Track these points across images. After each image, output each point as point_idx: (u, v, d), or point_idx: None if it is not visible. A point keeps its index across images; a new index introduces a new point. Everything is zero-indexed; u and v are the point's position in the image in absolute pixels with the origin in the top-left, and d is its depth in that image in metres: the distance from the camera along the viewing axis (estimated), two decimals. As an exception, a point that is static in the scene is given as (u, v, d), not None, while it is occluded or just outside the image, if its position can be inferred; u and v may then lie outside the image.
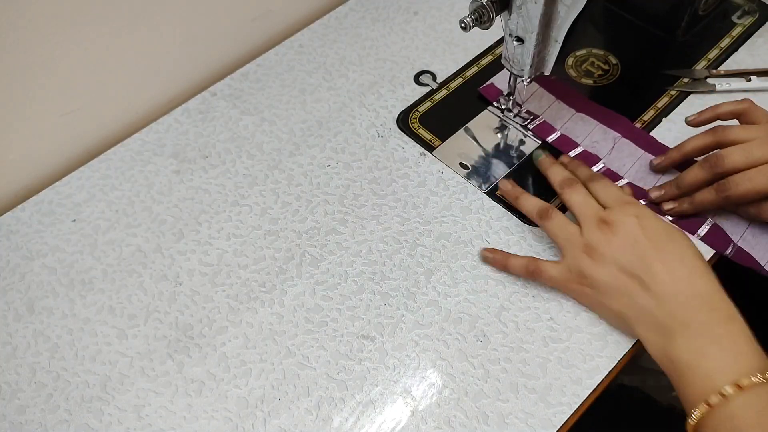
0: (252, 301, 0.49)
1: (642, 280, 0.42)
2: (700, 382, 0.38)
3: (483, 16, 0.48)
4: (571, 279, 0.46)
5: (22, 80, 0.53)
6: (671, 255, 0.42)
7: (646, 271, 0.42)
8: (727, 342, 0.39)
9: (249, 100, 0.62)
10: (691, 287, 0.41)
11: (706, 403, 0.37)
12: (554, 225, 0.47)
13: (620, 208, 0.45)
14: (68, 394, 0.46)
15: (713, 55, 0.60)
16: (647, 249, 0.43)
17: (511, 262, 0.48)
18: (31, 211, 0.56)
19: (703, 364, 0.39)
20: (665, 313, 0.41)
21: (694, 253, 0.43)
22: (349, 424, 0.43)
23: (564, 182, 0.49)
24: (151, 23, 0.58)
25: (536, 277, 0.47)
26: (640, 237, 0.43)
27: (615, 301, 0.44)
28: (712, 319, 0.40)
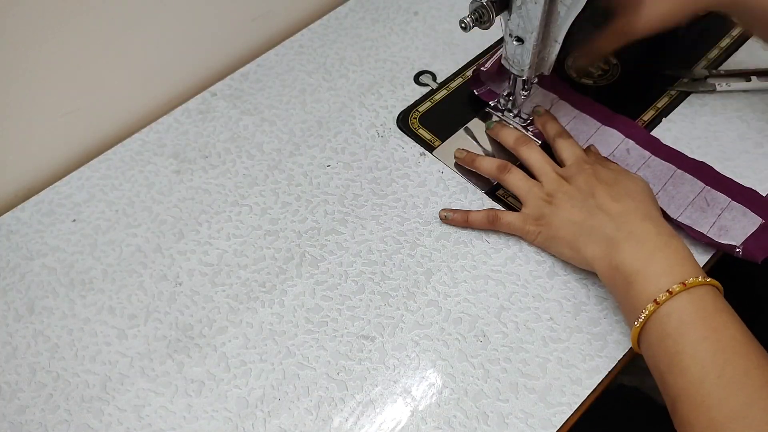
0: (252, 301, 0.49)
1: (591, 208, 0.46)
2: (647, 285, 0.40)
3: (483, 16, 0.48)
4: (528, 221, 0.49)
5: (22, 80, 0.53)
6: (619, 190, 0.46)
7: (597, 202, 0.46)
8: (670, 251, 0.42)
9: (249, 100, 0.62)
10: (637, 210, 0.44)
11: (654, 302, 0.39)
12: (515, 178, 0.51)
13: (577, 165, 0.49)
14: (68, 394, 0.46)
15: (713, 55, 0.60)
16: (598, 187, 0.46)
17: (471, 216, 0.51)
18: (31, 211, 0.56)
19: (650, 267, 0.41)
20: (613, 227, 0.44)
21: (644, 191, 0.46)
22: (349, 424, 0.43)
23: (519, 140, 0.53)
24: (151, 23, 0.58)
25: (495, 225, 0.50)
26: (593, 181, 0.47)
27: (567, 232, 0.47)
28: (657, 232, 0.43)
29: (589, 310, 0.47)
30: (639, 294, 0.41)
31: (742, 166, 0.53)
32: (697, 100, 0.58)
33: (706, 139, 0.55)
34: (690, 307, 0.39)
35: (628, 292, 0.42)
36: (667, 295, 0.39)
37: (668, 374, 0.39)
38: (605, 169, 0.49)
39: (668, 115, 0.57)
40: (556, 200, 0.48)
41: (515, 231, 0.50)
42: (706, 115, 0.56)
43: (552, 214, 0.48)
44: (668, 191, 0.51)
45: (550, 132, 0.54)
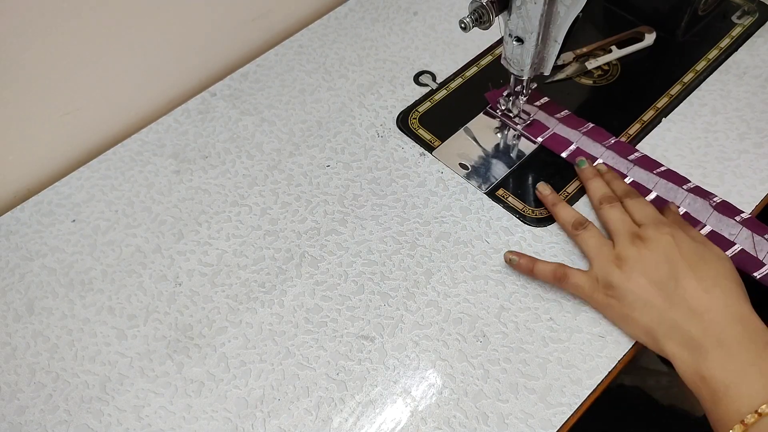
0: (252, 301, 0.49)
1: (672, 295, 0.41)
2: (737, 402, 0.37)
3: (483, 16, 0.48)
4: (597, 289, 0.45)
5: (22, 80, 0.53)
6: (705, 274, 0.41)
7: (677, 286, 0.41)
8: (765, 365, 0.38)
9: (249, 100, 0.62)
10: (725, 307, 0.40)
11: (742, 423, 0.37)
12: (588, 236, 0.47)
13: (655, 227, 0.44)
14: (68, 395, 0.46)
15: (713, 55, 0.60)
16: (680, 265, 0.42)
17: (537, 267, 0.47)
18: (31, 211, 0.56)
19: (741, 384, 0.38)
20: (698, 329, 0.40)
21: (730, 275, 0.42)
22: (348, 424, 0.43)
23: (604, 198, 0.49)
24: (150, 23, 0.58)
25: (563, 284, 0.46)
26: (673, 253, 0.42)
27: (643, 315, 0.42)
28: (750, 340, 0.39)
29: (589, 310, 0.47)
30: (726, 411, 0.38)
31: (742, 166, 0.53)
32: (697, 100, 0.58)
33: (706, 139, 0.55)
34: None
35: (715, 406, 0.38)
36: (756, 417, 0.36)
37: None
38: (688, 237, 0.44)
39: (668, 115, 0.57)
40: (627, 266, 0.43)
41: (583, 296, 0.46)
42: (706, 115, 0.56)
43: (622, 283, 0.43)
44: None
45: (617, 190, 0.50)
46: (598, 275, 0.45)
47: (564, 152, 0.55)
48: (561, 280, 0.46)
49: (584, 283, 0.45)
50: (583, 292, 0.45)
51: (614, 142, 0.54)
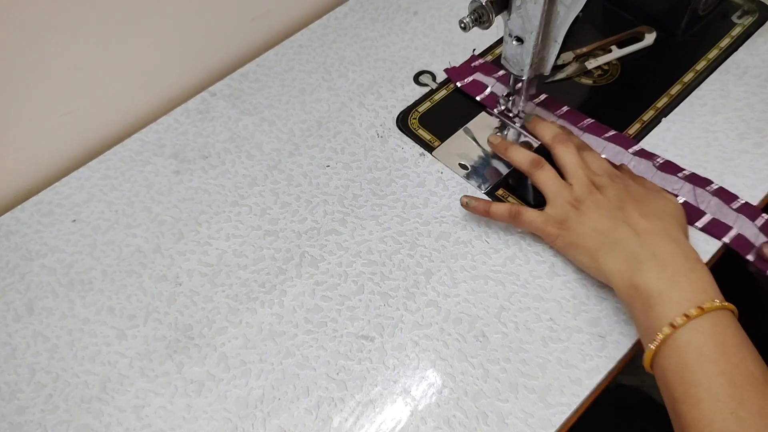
0: (251, 301, 0.49)
1: (618, 220, 0.44)
2: (667, 307, 0.40)
3: (482, 16, 0.48)
4: (550, 223, 0.48)
5: (22, 80, 0.53)
6: (649, 208, 0.45)
7: (624, 215, 0.45)
8: (694, 276, 0.41)
9: (248, 100, 0.62)
10: (664, 231, 0.43)
11: (670, 325, 0.39)
12: (545, 175, 0.49)
13: (609, 177, 0.48)
14: (68, 395, 0.46)
15: (713, 55, 0.60)
16: (628, 202, 0.45)
17: (493, 208, 0.50)
18: (31, 211, 0.56)
19: (671, 291, 0.40)
20: (638, 243, 0.43)
21: (673, 213, 0.45)
22: (348, 424, 0.43)
23: (557, 137, 0.51)
24: (150, 23, 0.58)
25: (516, 220, 0.49)
26: (623, 194, 0.46)
27: (590, 240, 0.45)
28: (682, 256, 0.42)
29: (589, 310, 0.47)
30: (657, 316, 0.40)
31: (742, 166, 0.53)
32: (696, 100, 0.58)
33: (706, 139, 0.55)
34: (710, 337, 0.38)
35: (646, 313, 0.41)
36: (685, 319, 0.38)
37: (681, 403, 0.38)
38: (638, 185, 0.48)
39: (668, 115, 0.57)
40: (583, 207, 0.46)
41: (535, 230, 0.49)
42: (706, 115, 0.56)
43: (576, 220, 0.46)
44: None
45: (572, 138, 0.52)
46: (554, 213, 0.48)
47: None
48: (515, 217, 0.49)
49: (537, 218, 0.48)
50: (536, 227, 0.48)
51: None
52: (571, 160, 0.49)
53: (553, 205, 0.48)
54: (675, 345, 0.39)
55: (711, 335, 0.38)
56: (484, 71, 0.61)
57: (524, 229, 0.50)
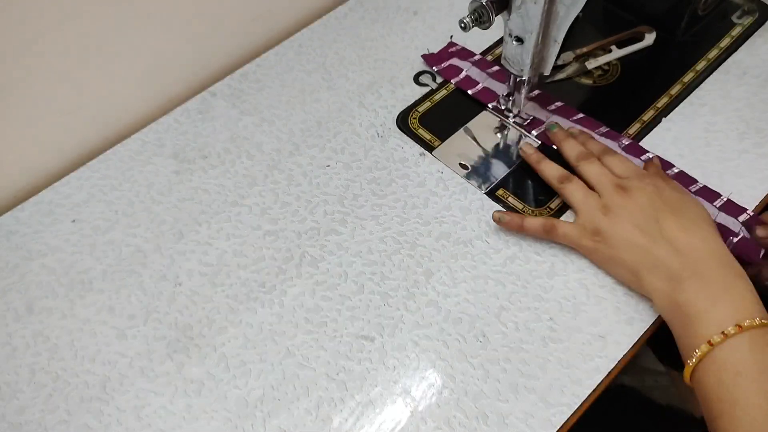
0: (251, 301, 0.49)
1: (656, 234, 0.44)
2: (707, 325, 0.40)
3: (482, 16, 0.48)
4: (584, 235, 0.47)
5: (22, 80, 0.53)
6: (686, 217, 0.44)
7: (660, 227, 0.44)
8: (735, 293, 0.40)
9: (248, 100, 0.62)
10: (704, 245, 0.43)
11: (708, 342, 0.39)
12: (573, 188, 0.49)
13: (638, 178, 0.47)
14: (67, 395, 0.46)
15: (713, 55, 0.60)
16: (663, 210, 0.44)
17: (527, 222, 0.49)
18: (31, 211, 0.56)
19: (712, 309, 0.40)
20: (678, 263, 0.42)
21: (707, 220, 0.45)
22: (348, 424, 0.43)
23: (580, 155, 0.51)
24: (150, 23, 0.58)
25: (552, 235, 0.48)
26: (656, 201, 0.45)
27: (628, 254, 0.45)
28: (724, 273, 0.41)
29: (589, 311, 0.47)
30: (696, 334, 0.40)
31: (742, 166, 0.53)
32: (697, 100, 0.58)
33: (706, 139, 0.55)
34: (748, 356, 0.38)
35: (686, 330, 0.41)
36: (722, 337, 0.38)
37: (719, 420, 0.38)
38: (668, 187, 0.46)
39: (668, 115, 0.57)
40: (613, 213, 0.46)
41: (570, 243, 0.48)
42: (706, 115, 0.56)
43: (609, 228, 0.45)
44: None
45: (594, 149, 0.51)
46: (586, 223, 0.47)
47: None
48: (550, 231, 0.48)
49: (572, 231, 0.48)
50: (572, 240, 0.48)
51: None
52: (594, 170, 0.49)
53: (582, 214, 0.48)
54: (713, 362, 0.39)
55: (750, 353, 0.38)
56: (460, 56, 0.62)
57: (561, 242, 0.49)
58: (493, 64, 0.62)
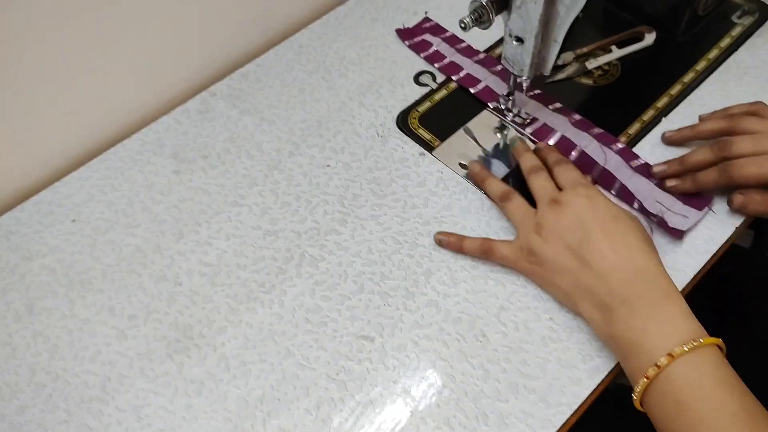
0: (251, 301, 0.49)
1: (584, 258, 0.43)
2: (641, 358, 0.39)
3: (482, 16, 0.48)
4: (521, 257, 0.47)
5: (22, 80, 0.53)
6: (615, 233, 0.43)
7: (588, 248, 0.43)
8: (664, 318, 0.40)
9: (248, 100, 0.62)
10: (631, 263, 0.42)
11: (645, 377, 0.39)
12: (512, 206, 0.50)
13: (572, 190, 0.47)
14: (67, 395, 0.46)
15: (713, 55, 0.60)
16: (592, 227, 0.44)
17: (465, 244, 0.49)
18: (31, 211, 0.56)
19: (644, 341, 0.40)
20: (605, 291, 0.42)
21: (638, 233, 0.44)
22: (348, 424, 0.43)
23: (531, 168, 0.51)
24: (150, 23, 0.58)
25: (489, 256, 0.49)
26: (586, 215, 0.44)
27: (562, 279, 0.45)
28: (650, 295, 0.41)
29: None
30: (633, 368, 0.40)
31: (741, 166, 0.53)
32: (697, 100, 0.58)
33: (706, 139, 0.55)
34: (685, 385, 0.38)
35: (625, 362, 0.41)
36: (656, 370, 0.38)
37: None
38: (603, 197, 0.46)
39: (668, 114, 0.57)
40: (545, 231, 0.45)
41: (509, 265, 0.48)
42: (706, 115, 0.56)
43: (541, 249, 0.45)
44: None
45: (550, 160, 0.52)
46: (522, 243, 0.47)
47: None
48: (487, 252, 0.49)
49: (509, 253, 0.48)
50: (509, 262, 0.48)
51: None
52: (537, 184, 0.49)
53: (520, 233, 0.48)
54: (654, 395, 0.39)
55: (686, 381, 0.38)
56: (432, 32, 0.65)
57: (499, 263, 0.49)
58: (462, 41, 0.64)
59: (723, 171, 0.48)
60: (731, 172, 0.47)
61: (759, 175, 0.46)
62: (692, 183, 0.49)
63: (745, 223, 0.50)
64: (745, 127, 0.49)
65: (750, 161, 0.47)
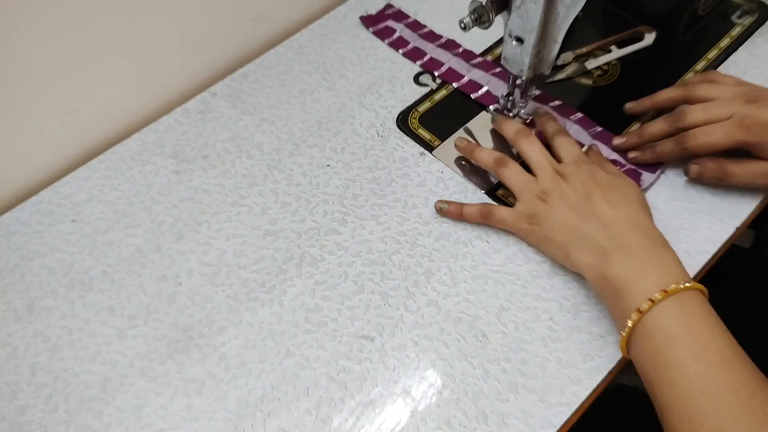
0: (252, 301, 0.49)
1: (585, 212, 0.45)
2: (635, 295, 0.41)
3: (482, 16, 0.48)
4: (521, 219, 0.49)
5: (22, 80, 0.53)
6: (616, 195, 0.46)
7: (590, 206, 0.46)
8: (660, 262, 0.42)
9: (249, 100, 0.62)
10: (629, 219, 0.44)
11: (637, 311, 0.40)
12: (510, 172, 0.50)
13: (575, 164, 0.49)
14: (68, 395, 0.46)
15: (712, 55, 0.60)
16: (594, 191, 0.46)
17: (465, 210, 0.51)
18: (31, 211, 0.56)
19: (638, 279, 0.41)
20: (605, 237, 0.44)
21: (637, 198, 0.47)
22: (348, 424, 0.43)
23: (518, 132, 0.52)
24: (150, 23, 0.58)
25: (488, 220, 0.50)
26: (589, 182, 0.47)
27: (560, 234, 0.46)
28: (648, 244, 0.43)
29: (589, 310, 0.47)
30: (626, 304, 0.41)
31: (741, 166, 0.53)
32: (696, 99, 0.57)
33: (705, 139, 0.55)
34: (676, 320, 0.39)
35: (616, 302, 0.42)
36: (650, 304, 0.40)
37: (657, 386, 0.39)
38: (603, 171, 0.48)
39: (668, 114, 0.57)
40: (550, 199, 0.47)
41: (508, 227, 0.50)
42: (706, 115, 0.56)
43: (545, 213, 0.47)
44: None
45: (549, 130, 0.53)
46: (524, 209, 0.49)
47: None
48: (487, 216, 0.50)
49: (508, 216, 0.49)
50: (508, 224, 0.50)
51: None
52: (534, 151, 0.51)
53: (522, 200, 0.49)
54: (644, 330, 0.40)
55: (677, 317, 0.39)
56: (395, 18, 0.67)
57: (498, 227, 0.51)
58: (424, 26, 0.66)
59: (678, 142, 0.50)
60: (685, 143, 0.49)
61: (710, 143, 0.48)
62: (651, 154, 0.52)
63: (746, 223, 0.50)
64: (699, 94, 0.51)
65: (701, 131, 0.49)
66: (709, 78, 0.53)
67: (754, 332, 0.49)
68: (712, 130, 0.48)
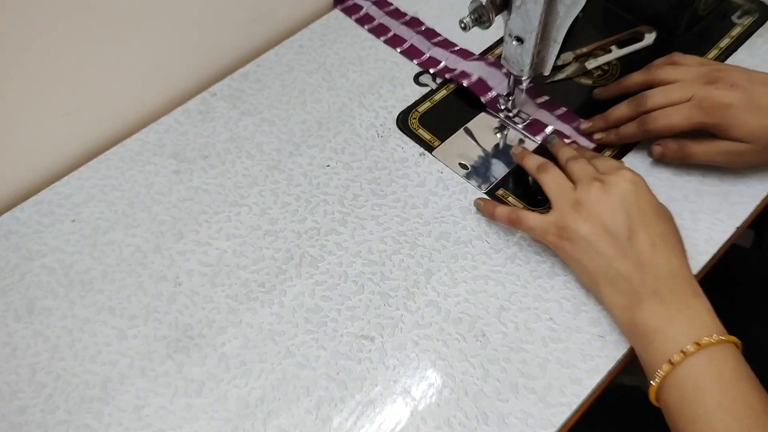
0: (251, 301, 0.49)
1: (622, 246, 0.43)
2: (665, 345, 0.40)
3: (482, 16, 0.48)
4: (550, 231, 0.46)
5: (22, 80, 0.53)
6: (655, 229, 0.44)
7: (629, 238, 0.43)
8: (692, 312, 0.41)
9: (249, 100, 0.62)
10: (667, 263, 0.43)
11: (669, 362, 0.39)
12: (550, 177, 0.49)
13: (618, 173, 0.46)
14: (68, 395, 0.46)
15: (713, 55, 0.60)
16: (635, 217, 0.44)
17: (497, 210, 0.50)
18: (31, 211, 0.56)
19: (669, 328, 0.41)
20: (639, 281, 0.42)
21: (675, 234, 0.45)
22: (348, 424, 0.43)
23: (570, 157, 0.51)
24: (151, 23, 0.58)
25: (517, 225, 0.49)
26: (630, 201, 0.44)
27: (590, 261, 0.44)
28: (681, 293, 0.42)
29: (589, 310, 0.47)
30: (656, 353, 0.41)
31: (741, 166, 0.53)
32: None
33: (705, 139, 0.55)
34: (707, 372, 0.39)
35: (645, 348, 0.42)
36: (682, 356, 0.39)
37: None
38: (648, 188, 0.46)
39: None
40: (584, 210, 0.45)
41: (536, 236, 0.48)
42: (706, 115, 0.56)
43: (577, 228, 0.44)
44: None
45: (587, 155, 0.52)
46: (556, 218, 0.46)
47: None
48: (515, 222, 0.49)
49: (537, 224, 0.47)
50: (536, 234, 0.48)
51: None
52: (576, 166, 0.49)
53: (554, 207, 0.47)
54: (674, 381, 0.39)
55: (708, 370, 0.39)
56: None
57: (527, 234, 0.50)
58: (390, 4, 0.68)
59: (640, 125, 0.51)
60: (646, 126, 0.50)
61: (670, 125, 0.49)
62: (615, 136, 0.53)
63: (746, 223, 0.50)
64: (662, 77, 0.51)
65: (661, 113, 0.49)
66: (672, 60, 0.53)
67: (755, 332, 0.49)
68: (671, 112, 0.49)
